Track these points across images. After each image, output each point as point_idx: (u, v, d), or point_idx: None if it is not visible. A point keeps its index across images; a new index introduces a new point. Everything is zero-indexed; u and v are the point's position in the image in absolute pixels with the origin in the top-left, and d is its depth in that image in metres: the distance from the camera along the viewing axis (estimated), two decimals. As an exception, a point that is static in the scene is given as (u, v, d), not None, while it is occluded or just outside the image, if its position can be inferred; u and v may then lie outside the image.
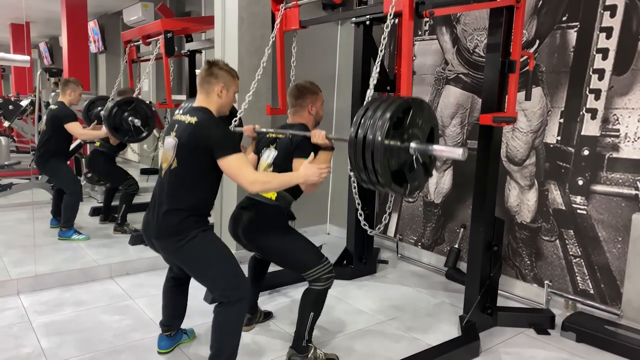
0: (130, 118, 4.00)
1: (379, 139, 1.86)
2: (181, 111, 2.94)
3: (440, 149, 1.97)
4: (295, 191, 2.39)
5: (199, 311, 2.92)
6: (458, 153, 1.89)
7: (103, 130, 4.21)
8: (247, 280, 2.24)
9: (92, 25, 9.13)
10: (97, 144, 4.57)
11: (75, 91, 4.37)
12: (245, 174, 2.04)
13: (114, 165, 4.63)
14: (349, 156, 2.01)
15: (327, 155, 2.32)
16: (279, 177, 2.16)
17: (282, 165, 2.39)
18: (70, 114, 4.26)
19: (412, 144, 1.97)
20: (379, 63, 2.28)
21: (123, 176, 4.56)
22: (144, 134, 4.12)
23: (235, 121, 2.89)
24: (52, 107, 4.34)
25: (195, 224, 2.10)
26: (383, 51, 2.25)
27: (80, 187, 4.41)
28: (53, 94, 6.43)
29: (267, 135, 2.55)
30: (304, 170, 2.13)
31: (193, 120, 2.10)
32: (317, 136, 2.25)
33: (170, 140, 2.15)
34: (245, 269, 2.52)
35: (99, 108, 4.64)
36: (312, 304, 2.40)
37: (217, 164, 2.06)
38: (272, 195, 2.39)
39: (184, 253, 2.11)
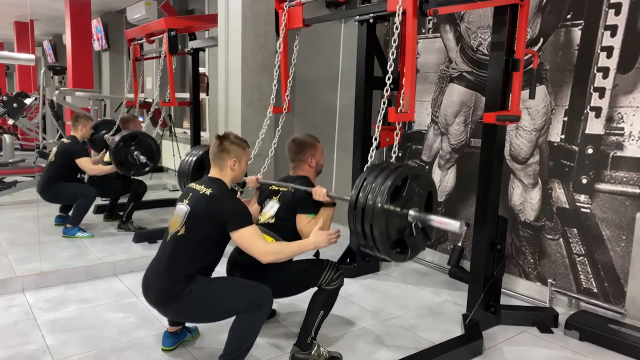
0: (135, 153, 4.12)
1: (379, 207, 1.90)
2: (187, 157, 2.98)
3: (438, 221, 2.00)
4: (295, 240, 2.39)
5: (203, 309, 2.92)
6: (455, 226, 1.92)
7: (110, 167, 4.30)
8: (263, 286, 2.23)
9: (96, 23, 9.14)
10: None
11: (86, 126, 4.48)
12: (258, 246, 2.11)
13: (114, 181, 4.66)
14: (349, 222, 2.04)
15: (329, 211, 2.37)
16: (289, 246, 2.20)
17: (284, 219, 2.43)
18: (82, 150, 4.36)
19: (411, 212, 2.01)
20: (392, 62, 2.29)
21: (127, 185, 4.62)
22: (148, 168, 4.24)
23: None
24: (65, 140, 4.42)
25: (189, 283, 2.13)
26: (395, 53, 2.26)
27: (93, 191, 4.42)
28: (57, 92, 6.46)
29: (270, 187, 2.59)
30: (314, 237, 2.19)
31: (208, 191, 2.17)
32: (319, 194, 2.30)
33: (182, 207, 2.20)
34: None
35: (103, 132, 4.72)
36: (324, 303, 2.42)
37: (225, 236, 2.13)
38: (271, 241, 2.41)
39: (188, 311, 2.17)
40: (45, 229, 4.43)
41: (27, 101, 6.80)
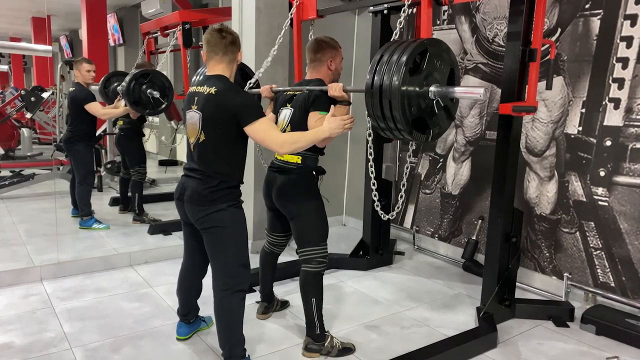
0: (148, 90, 4.05)
1: (396, 84, 1.80)
2: (196, 78, 2.95)
3: (461, 91, 1.91)
4: (317, 147, 2.39)
5: (217, 299, 2.95)
6: (480, 92, 1.84)
7: (122, 108, 4.27)
8: (249, 274, 2.25)
9: (111, 19, 9.22)
10: (120, 122, 4.63)
11: (82, 69, 4.34)
12: (273, 137, 2.06)
13: (140, 143, 4.69)
14: (366, 105, 1.96)
15: (344, 109, 2.30)
16: (305, 135, 2.14)
17: (299, 123, 2.38)
18: (88, 95, 4.30)
19: (432, 88, 1.90)
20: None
21: (140, 159, 4.61)
22: (164, 106, 4.15)
23: (251, 83, 2.90)
24: (71, 89, 4.42)
25: (227, 197, 2.13)
26: (397, 34, 2.23)
27: (93, 178, 4.45)
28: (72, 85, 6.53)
29: (285, 94, 2.54)
30: (328, 124, 2.12)
31: (212, 90, 2.09)
32: (335, 89, 2.24)
33: (194, 114, 2.15)
34: (256, 258, 2.55)
35: (116, 84, 4.68)
36: (310, 289, 2.43)
37: (243, 132, 2.08)
38: (298, 159, 2.40)
39: (210, 221, 2.13)
40: (62, 220, 4.49)
41: (45, 95, 6.89)
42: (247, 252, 2.23)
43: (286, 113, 2.47)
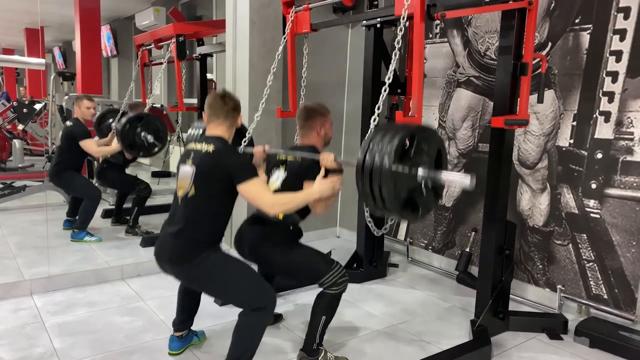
0: (143, 134, 4.12)
1: (386, 166, 1.87)
2: (192, 132, 3.00)
3: (448, 177, 1.99)
4: (303, 211, 2.39)
5: (210, 313, 2.92)
6: (466, 181, 1.91)
7: (116, 145, 4.29)
8: (270, 288, 2.24)
9: (105, 30, 9.23)
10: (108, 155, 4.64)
11: (83, 105, 4.38)
12: (265, 197, 2.10)
13: (123, 174, 4.70)
14: (357, 183, 2.01)
15: (338, 177, 2.34)
16: (296, 196, 2.19)
17: (291, 189, 2.40)
18: (85, 132, 4.35)
19: (420, 172, 1.98)
20: (394, 63, 2.28)
21: (133, 183, 4.63)
22: (157, 149, 4.24)
23: (245, 141, 2.90)
24: (68, 124, 4.44)
25: (207, 248, 2.15)
26: (397, 54, 2.26)
27: (99, 191, 4.45)
28: (66, 97, 6.52)
29: (277, 157, 2.58)
30: (318, 186, 2.18)
31: (210, 148, 2.16)
32: (326, 160, 2.28)
33: (187, 169, 2.20)
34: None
35: (110, 120, 4.73)
36: (325, 308, 2.40)
37: (234, 190, 2.13)
38: (279, 215, 2.40)
39: (198, 277, 2.16)
40: (54, 232, 4.45)
41: (37, 106, 6.87)
42: (252, 275, 2.22)
43: (279, 175, 2.50)
